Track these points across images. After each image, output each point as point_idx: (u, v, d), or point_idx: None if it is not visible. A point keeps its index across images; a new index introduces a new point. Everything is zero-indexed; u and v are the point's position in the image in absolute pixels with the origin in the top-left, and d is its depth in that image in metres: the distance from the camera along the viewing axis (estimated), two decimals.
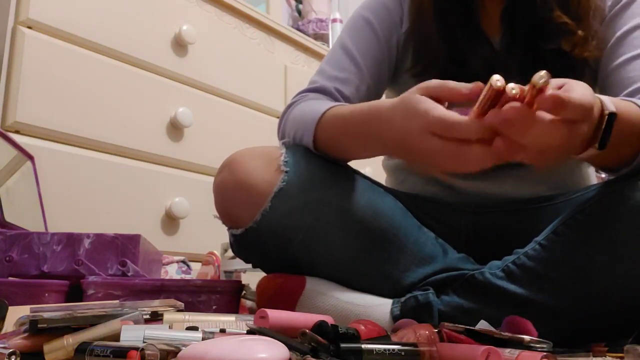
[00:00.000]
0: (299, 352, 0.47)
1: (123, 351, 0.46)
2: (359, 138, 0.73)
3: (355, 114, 0.73)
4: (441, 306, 0.74)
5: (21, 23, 1.22)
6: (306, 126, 0.78)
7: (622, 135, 0.63)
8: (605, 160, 0.72)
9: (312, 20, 2.28)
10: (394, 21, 0.92)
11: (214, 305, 0.80)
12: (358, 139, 0.74)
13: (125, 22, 1.40)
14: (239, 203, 0.75)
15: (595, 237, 0.69)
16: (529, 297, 0.71)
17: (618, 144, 0.64)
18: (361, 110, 0.72)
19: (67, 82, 1.26)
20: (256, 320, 0.58)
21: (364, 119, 0.71)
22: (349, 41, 0.91)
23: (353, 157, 0.79)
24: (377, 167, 1.02)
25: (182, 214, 1.43)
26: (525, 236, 0.75)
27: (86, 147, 1.29)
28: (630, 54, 0.79)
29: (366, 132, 0.71)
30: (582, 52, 0.81)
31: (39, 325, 0.53)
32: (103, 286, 0.74)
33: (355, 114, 0.73)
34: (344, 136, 0.75)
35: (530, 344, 0.55)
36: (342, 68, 0.89)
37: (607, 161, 0.72)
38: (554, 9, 0.81)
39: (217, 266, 1.30)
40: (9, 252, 0.80)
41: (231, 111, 1.65)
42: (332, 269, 0.77)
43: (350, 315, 0.74)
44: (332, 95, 0.87)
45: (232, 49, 1.69)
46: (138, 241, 0.83)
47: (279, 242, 0.75)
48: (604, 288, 0.69)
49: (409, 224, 0.81)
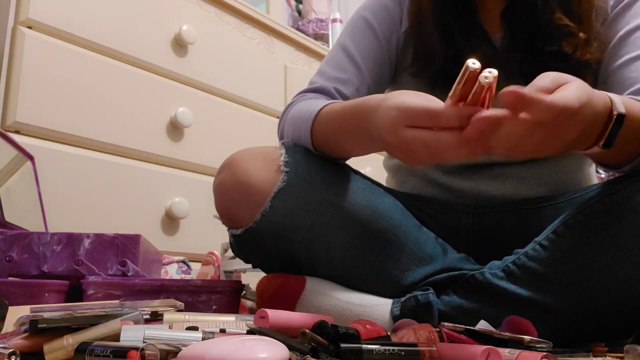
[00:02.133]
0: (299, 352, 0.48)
1: (123, 351, 0.46)
2: (351, 133, 0.73)
3: (347, 109, 0.73)
4: (441, 306, 0.74)
5: (21, 23, 1.22)
6: (303, 126, 0.78)
7: (626, 134, 0.63)
8: (607, 158, 0.72)
9: (312, 20, 2.28)
10: (394, 21, 0.92)
11: (214, 305, 0.80)
12: (350, 135, 0.73)
13: (125, 22, 1.40)
14: (239, 203, 0.75)
15: (596, 237, 0.69)
16: (529, 297, 0.71)
17: (622, 142, 0.64)
18: (352, 105, 0.73)
19: (67, 82, 1.26)
20: (256, 320, 0.58)
21: (354, 113, 0.71)
22: (349, 42, 0.91)
23: (349, 153, 0.79)
24: (377, 167, 1.02)
25: (182, 214, 1.43)
26: (526, 236, 0.75)
27: (86, 147, 1.29)
28: (633, 54, 0.79)
29: (356, 127, 0.71)
30: (583, 55, 0.80)
31: (39, 325, 0.53)
32: (103, 286, 0.74)
33: (347, 109, 0.73)
34: (338, 132, 0.75)
35: (530, 344, 0.55)
36: (342, 69, 0.89)
37: (609, 159, 0.72)
38: (555, 11, 0.81)
39: (217, 266, 1.30)
40: (9, 252, 0.80)
41: (231, 111, 1.65)
42: (332, 268, 0.77)
43: (350, 315, 0.74)
44: (332, 95, 0.87)
45: (232, 49, 1.69)
46: (138, 241, 0.84)
47: (279, 242, 0.75)
48: (604, 288, 0.69)
49: (409, 224, 0.81)
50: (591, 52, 0.80)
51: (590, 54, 0.80)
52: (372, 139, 0.68)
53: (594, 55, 0.81)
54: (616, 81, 0.79)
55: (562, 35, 0.80)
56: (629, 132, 0.63)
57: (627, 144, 0.66)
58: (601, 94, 0.61)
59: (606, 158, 0.72)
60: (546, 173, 0.87)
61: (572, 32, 0.80)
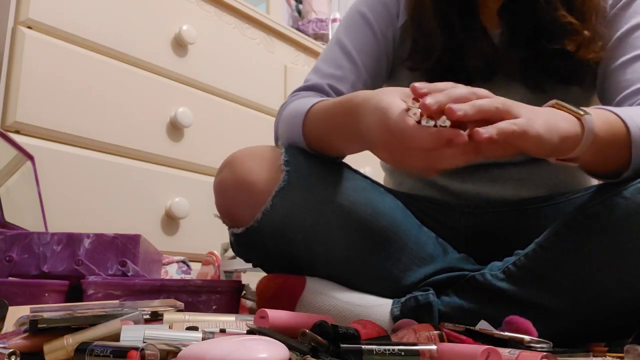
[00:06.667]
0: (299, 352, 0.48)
1: (123, 351, 0.46)
2: (341, 131, 0.72)
3: (337, 106, 0.73)
4: (441, 307, 0.74)
5: (21, 23, 1.22)
6: (295, 126, 0.77)
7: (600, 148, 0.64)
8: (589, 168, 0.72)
9: (312, 20, 2.28)
10: (391, 16, 0.91)
11: (214, 305, 0.80)
12: (341, 132, 0.73)
13: (125, 22, 1.40)
14: (240, 202, 0.75)
15: (596, 238, 0.69)
16: (530, 298, 0.71)
17: (597, 157, 0.65)
18: (342, 102, 0.72)
19: (67, 82, 1.26)
20: (256, 320, 0.58)
21: (344, 110, 0.71)
22: (345, 37, 0.90)
23: (342, 151, 0.78)
24: (376, 167, 1.02)
25: (182, 214, 1.43)
26: (526, 236, 0.75)
27: (86, 147, 1.29)
28: (631, 55, 0.78)
29: (344, 125, 0.71)
30: (587, 54, 0.79)
31: (39, 325, 0.53)
32: (103, 286, 0.74)
33: (337, 105, 0.73)
34: (328, 130, 0.75)
35: (530, 344, 0.55)
36: (338, 65, 0.88)
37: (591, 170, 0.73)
38: (558, 8, 0.80)
39: (217, 266, 1.30)
40: (9, 252, 0.80)
41: (231, 111, 1.65)
42: (333, 268, 0.77)
43: (350, 315, 0.74)
44: (326, 92, 0.86)
45: (232, 49, 1.69)
46: (138, 241, 0.83)
47: (280, 241, 0.75)
48: (604, 289, 0.69)
49: (409, 224, 0.81)
50: (595, 50, 0.80)
51: (594, 52, 0.80)
52: (362, 137, 0.68)
53: (598, 55, 0.80)
54: (614, 82, 0.79)
55: (566, 33, 0.79)
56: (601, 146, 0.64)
57: (602, 158, 0.67)
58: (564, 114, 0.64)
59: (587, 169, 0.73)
60: (546, 174, 0.87)
61: (577, 30, 0.79)
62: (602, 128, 0.64)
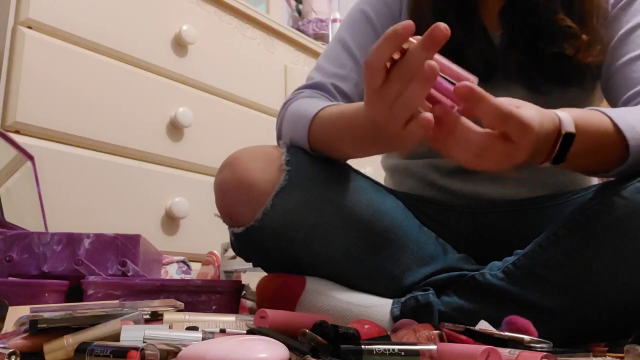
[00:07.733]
0: (299, 352, 0.48)
1: (123, 351, 0.46)
2: (349, 140, 0.73)
3: (345, 116, 0.73)
4: (441, 307, 0.74)
5: (21, 23, 1.22)
6: (299, 130, 0.77)
7: (585, 148, 0.64)
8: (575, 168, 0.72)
9: (312, 20, 2.28)
10: (393, 14, 0.91)
11: (214, 305, 0.80)
12: (349, 141, 0.73)
13: (125, 22, 1.40)
14: (240, 201, 0.75)
15: (596, 238, 0.69)
16: (530, 298, 0.71)
17: (583, 156, 0.65)
18: (349, 111, 0.72)
19: (67, 82, 1.26)
20: (256, 320, 0.58)
21: (351, 120, 0.71)
22: (347, 36, 0.90)
23: (347, 156, 0.79)
24: (377, 167, 1.02)
25: (182, 214, 1.43)
26: (526, 236, 0.75)
27: (86, 147, 1.29)
28: (634, 53, 0.78)
29: (354, 135, 0.71)
30: (586, 57, 0.79)
31: (39, 325, 0.53)
32: (103, 286, 0.74)
33: (345, 115, 0.73)
34: (335, 139, 0.75)
35: (530, 344, 0.55)
36: (341, 64, 0.88)
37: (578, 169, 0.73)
38: (557, 11, 0.80)
39: (217, 266, 1.30)
40: (9, 252, 0.80)
41: (231, 111, 1.65)
42: (333, 267, 0.77)
43: (350, 315, 0.74)
44: (329, 91, 0.86)
45: (232, 49, 1.69)
46: (138, 241, 0.84)
47: (280, 241, 0.75)
48: (604, 290, 0.69)
49: (410, 224, 0.81)
50: (593, 54, 0.80)
51: (593, 56, 0.80)
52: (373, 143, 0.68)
53: (597, 58, 0.80)
54: (618, 81, 0.79)
55: (565, 36, 0.79)
56: (588, 145, 0.64)
57: (588, 157, 0.67)
58: (550, 113, 0.62)
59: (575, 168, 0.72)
60: (545, 174, 0.87)
61: (575, 34, 0.79)
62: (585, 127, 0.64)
